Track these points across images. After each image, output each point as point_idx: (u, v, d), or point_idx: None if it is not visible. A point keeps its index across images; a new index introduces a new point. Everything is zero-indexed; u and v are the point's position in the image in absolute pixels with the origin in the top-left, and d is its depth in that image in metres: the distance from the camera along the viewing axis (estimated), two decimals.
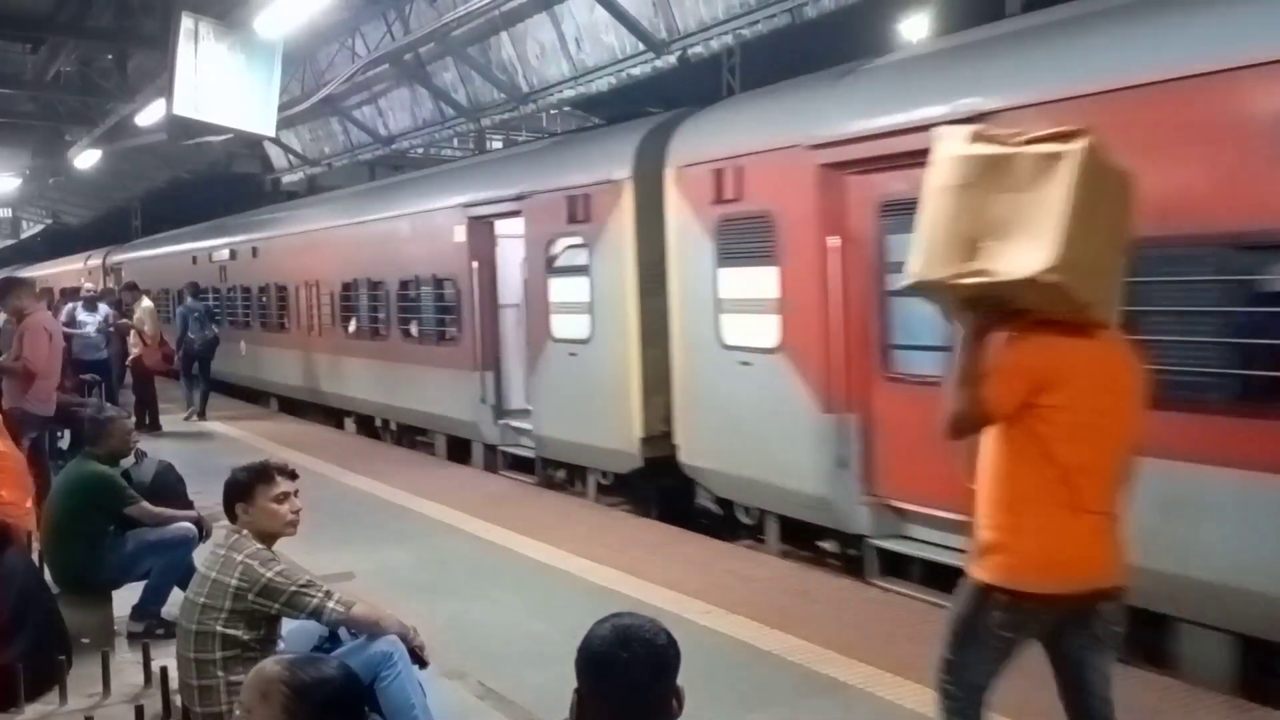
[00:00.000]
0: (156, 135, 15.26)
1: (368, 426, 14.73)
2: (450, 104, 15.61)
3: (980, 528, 3.23)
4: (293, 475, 4.00)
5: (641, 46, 11.35)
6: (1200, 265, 4.83)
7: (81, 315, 14.09)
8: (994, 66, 6.19)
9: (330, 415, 15.85)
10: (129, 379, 14.54)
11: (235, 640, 3.66)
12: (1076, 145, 3.03)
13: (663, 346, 8.66)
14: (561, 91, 13.20)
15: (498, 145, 22.09)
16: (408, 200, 13.22)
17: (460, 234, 11.52)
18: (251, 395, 18.92)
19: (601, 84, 12.40)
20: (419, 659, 3.90)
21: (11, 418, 7.04)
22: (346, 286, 14.54)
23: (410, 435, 13.58)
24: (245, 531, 3.82)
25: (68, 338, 13.66)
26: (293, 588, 3.69)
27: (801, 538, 7.74)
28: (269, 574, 3.68)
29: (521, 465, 11.06)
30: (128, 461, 6.15)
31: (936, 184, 3.25)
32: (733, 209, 7.73)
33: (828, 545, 7.47)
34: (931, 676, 3.52)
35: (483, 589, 6.66)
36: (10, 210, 33.34)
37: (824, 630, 5.64)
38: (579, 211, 9.41)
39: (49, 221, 37.14)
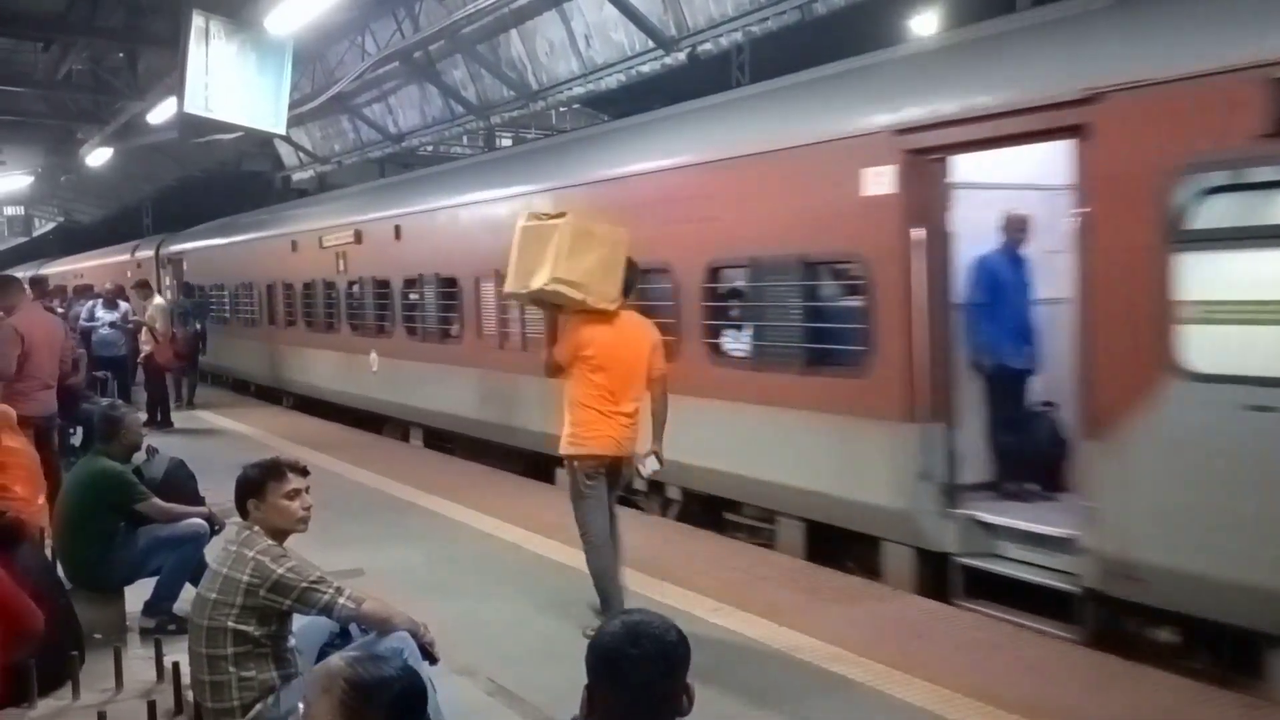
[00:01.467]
0: (167, 134, 15.35)
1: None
2: (460, 101, 15.66)
3: (565, 426, 5.76)
4: (304, 472, 4.00)
5: (651, 44, 11.37)
6: None
7: (100, 313, 14.18)
8: None
9: (526, 463, 10.64)
10: (140, 376, 14.64)
11: (247, 636, 3.67)
12: (561, 220, 5.64)
13: None
14: (571, 89, 13.23)
15: (507, 143, 22.08)
16: (729, 132, 8.03)
17: (879, 181, 6.55)
18: (377, 423, 14.28)
19: (611, 81, 12.42)
20: (429, 655, 3.90)
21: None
22: None
23: (699, 506, 8.39)
24: (257, 528, 3.83)
25: (86, 334, 13.81)
26: (304, 584, 3.70)
27: None
28: (280, 570, 3.69)
29: (993, 589, 6.10)
30: (139, 458, 6.17)
31: (514, 242, 5.79)
32: None
33: None
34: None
35: (492, 586, 6.67)
36: (22, 208, 33.49)
37: (834, 628, 5.63)
38: None
39: (61, 219, 37.36)
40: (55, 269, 33.47)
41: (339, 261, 14.70)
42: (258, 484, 3.88)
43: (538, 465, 10.24)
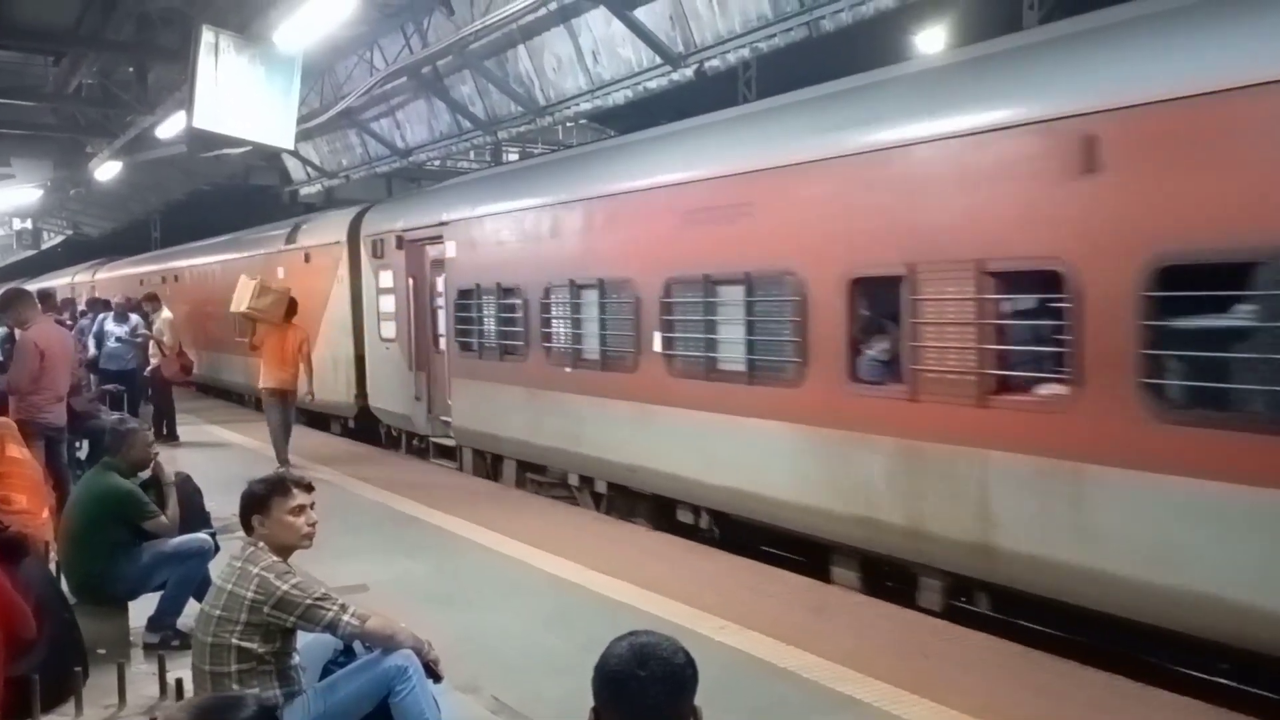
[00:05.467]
0: (176, 148, 15.38)
1: None
2: (467, 116, 15.70)
3: (266, 376, 12.00)
4: (309, 488, 4.00)
5: (658, 60, 11.39)
6: None
7: (110, 326, 14.19)
8: None
9: None
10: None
11: (250, 653, 3.66)
12: (255, 281, 12.28)
13: None
14: (578, 104, 13.26)
15: (514, 158, 22.13)
16: None
17: None
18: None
19: (618, 96, 12.45)
20: (433, 673, 3.90)
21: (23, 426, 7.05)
22: None
23: None
24: (261, 544, 3.82)
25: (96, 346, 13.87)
26: (308, 601, 3.69)
27: None
28: (285, 587, 3.68)
29: None
30: (145, 472, 6.16)
31: (239, 283, 12.42)
32: None
33: None
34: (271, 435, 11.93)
35: (497, 602, 6.65)
36: (31, 221, 33.55)
37: (840, 647, 5.60)
38: None
39: (69, 232, 37.44)
40: (131, 271, 27.65)
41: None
42: (263, 500, 3.87)
43: None
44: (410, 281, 13.04)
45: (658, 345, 8.48)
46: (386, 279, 13.67)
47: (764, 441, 7.40)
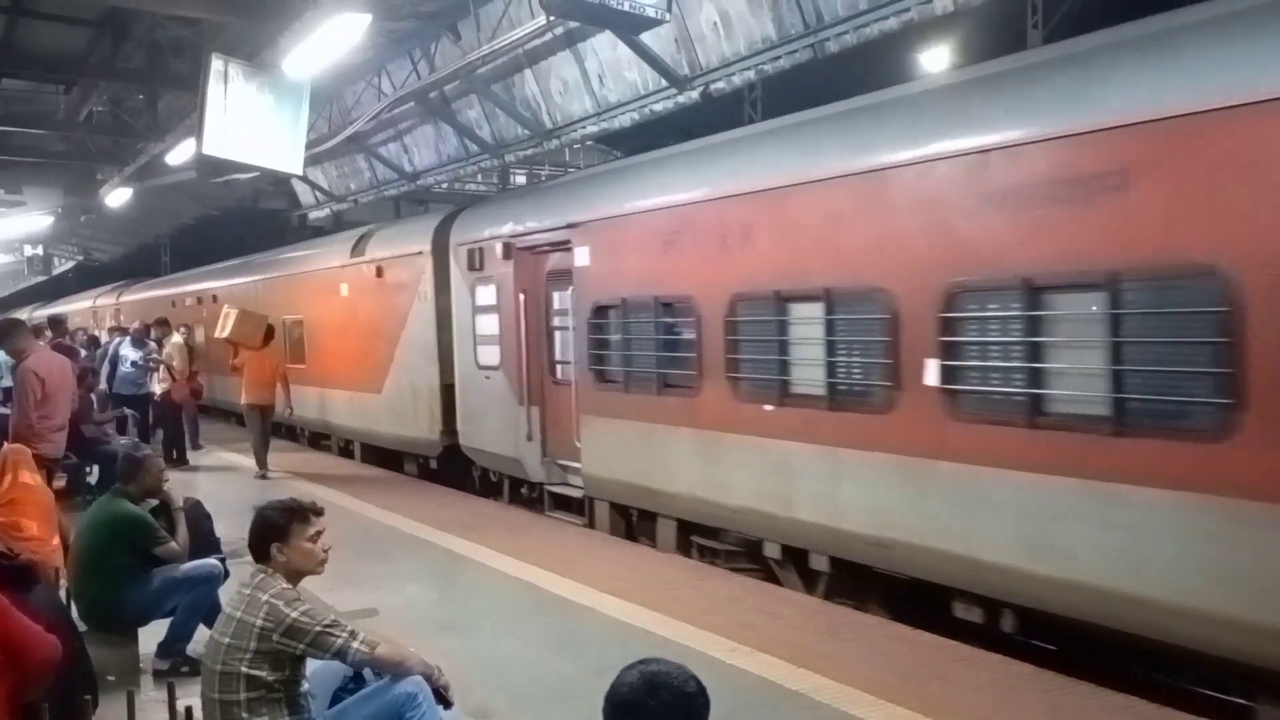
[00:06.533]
0: (186, 173, 15.51)
1: None
2: (474, 140, 15.77)
3: (246, 393, 13.63)
4: (320, 512, 3.99)
5: (664, 82, 11.44)
6: None
7: (125, 350, 14.23)
8: None
9: None
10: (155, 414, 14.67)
11: (260, 681, 3.64)
12: (235, 310, 14.32)
13: None
14: (585, 127, 13.32)
15: (521, 180, 22.21)
16: None
17: None
18: None
19: (624, 119, 12.50)
20: (443, 699, 3.87)
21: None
22: None
23: None
24: (271, 570, 3.81)
25: (110, 372, 13.94)
26: (317, 628, 3.67)
27: None
28: (294, 614, 3.66)
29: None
30: (154, 499, 6.16)
31: (222, 312, 14.75)
32: None
33: None
34: (252, 445, 13.49)
35: (506, 626, 6.62)
36: (42, 248, 33.74)
37: (851, 670, 5.56)
38: None
39: (80, 258, 37.67)
40: (160, 292, 25.28)
41: None
42: (283, 528, 3.84)
43: None
44: (521, 297, 10.82)
45: (933, 377, 6.24)
46: (487, 295, 11.41)
47: (1151, 521, 5.11)
